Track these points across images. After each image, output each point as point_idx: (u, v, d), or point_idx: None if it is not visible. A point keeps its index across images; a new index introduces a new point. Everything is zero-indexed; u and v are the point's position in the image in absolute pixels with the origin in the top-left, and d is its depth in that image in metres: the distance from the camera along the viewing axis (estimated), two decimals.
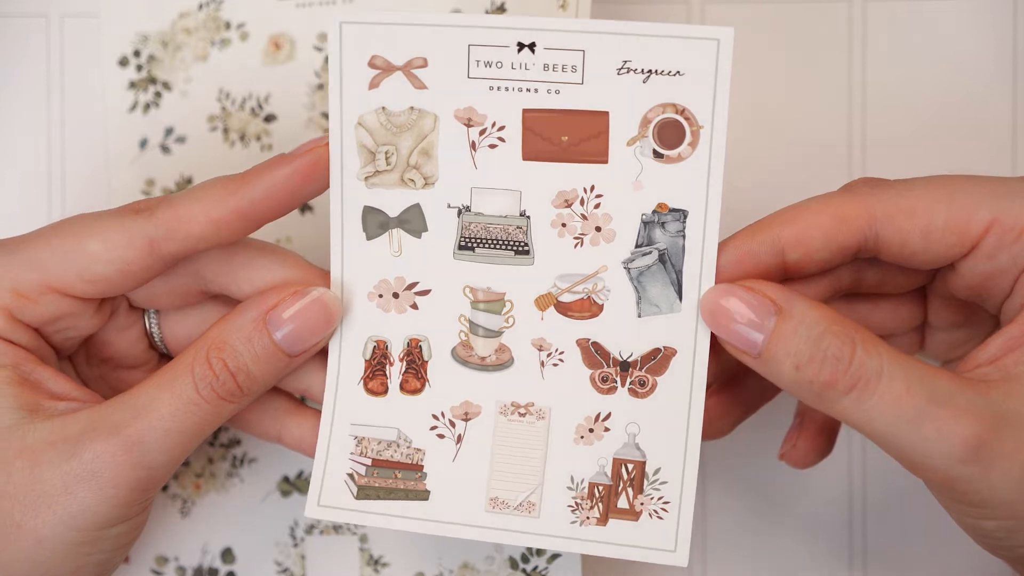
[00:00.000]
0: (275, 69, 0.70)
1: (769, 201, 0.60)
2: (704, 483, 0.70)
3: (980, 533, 0.55)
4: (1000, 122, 0.70)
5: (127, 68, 0.71)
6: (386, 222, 0.58)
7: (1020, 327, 0.55)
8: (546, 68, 0.55)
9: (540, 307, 0.58)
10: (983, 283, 0.56)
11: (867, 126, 0.70)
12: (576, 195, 0.57)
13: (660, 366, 0.57)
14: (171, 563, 0.69)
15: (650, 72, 0.55)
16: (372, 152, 0.57)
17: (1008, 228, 0.55)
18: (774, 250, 0.56)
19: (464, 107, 0.56)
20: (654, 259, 0.57)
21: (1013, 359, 0.54)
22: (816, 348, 0.54)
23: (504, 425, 0.58)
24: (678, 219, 0.56)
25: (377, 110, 0.57)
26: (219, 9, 0.71)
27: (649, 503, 0.57)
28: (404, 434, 0.59)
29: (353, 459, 0.59)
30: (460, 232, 0.58)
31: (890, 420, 0.53)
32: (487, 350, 0.58)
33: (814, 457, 0.63)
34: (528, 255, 0.58)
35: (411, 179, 0.58)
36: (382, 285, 0.59)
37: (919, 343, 0.64)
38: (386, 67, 0.57)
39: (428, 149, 0.57)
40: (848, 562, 0.70)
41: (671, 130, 0.55)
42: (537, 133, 0.56)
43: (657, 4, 0.72)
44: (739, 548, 0.70)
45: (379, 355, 0.59)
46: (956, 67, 0.70)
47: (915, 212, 0.56)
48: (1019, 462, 0.52)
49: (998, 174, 0.60)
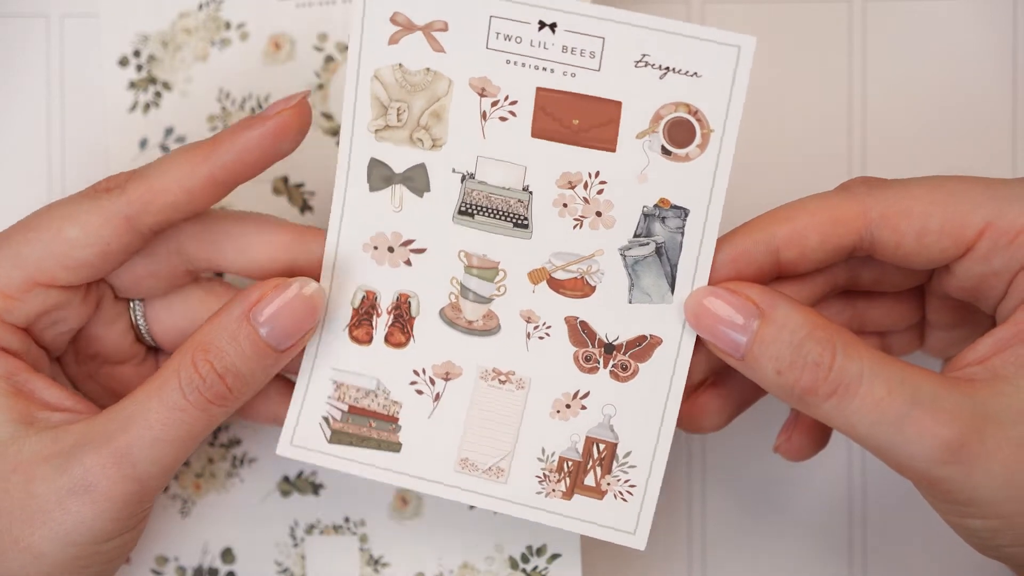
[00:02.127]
0: (275, 69, 0.69)
1: (768, 200, 0.60)
2: (704, 483, 0.71)
3: (967, 532, 0.56)
4: (1000, 122, 0.69)
5: (127, 68, 0.70)
6: (390, 176, 0.58)
7: (1011, 329, 0.55)
8: (564, 50, 0.55)
9: (533, 281, 0.58)
10: (978, 285, 0.57)
11: (867, 126, 0.70)
12: (580, 178, 0.56)
13: (644, 353, 0.58)
14: (171, 563, 0.70)
15: (668, 69, 0.54)
16: (385, 106, 0.57)
17: (1003, 231, 0.55)
18: (769, 249, 0.56)
19: (479, 76, 0.56)
20: (651, 250, 0.57)
21: (1001, 360, 0.55)
22: (796, 353, 0.54)
23: (483, 390, 0.59)
24: (679, 216, 0.56)
25: (394, 66, 0.57)
26: (219, 9, 0.70)
27: (616, 484, 0.58)
28: (383, 385, 0.60)
29: (330, 403, 0.60)
30: (462, 197, 0.58)
31: (872, 423, 0.54)
32: (475, 315, 0.59)
33: (809, 451, 0.64)
34: (527, 229, 0.58)
35: (420, 139, 0.57)
36: (379, 238, 0.59)
37: (919, 340, 0.64)
38: (407, 25, 0.56)
39: (439, 112, 0.57)
40: (848, 562, 0.71)
41: (682, 129, 0.55)
42: (549, 113, 0.56)
43: (657, 3, 0.70)
44: (739, 548, 0.71)
45: (367, 305, 0.59)
46: (956, 67, 0.69)
47: (911, 214, 0.56)
48: (1001, 462, 0.53)
49: (998, 174, 0.59)
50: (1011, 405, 0.53)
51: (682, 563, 0.71)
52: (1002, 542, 0.55)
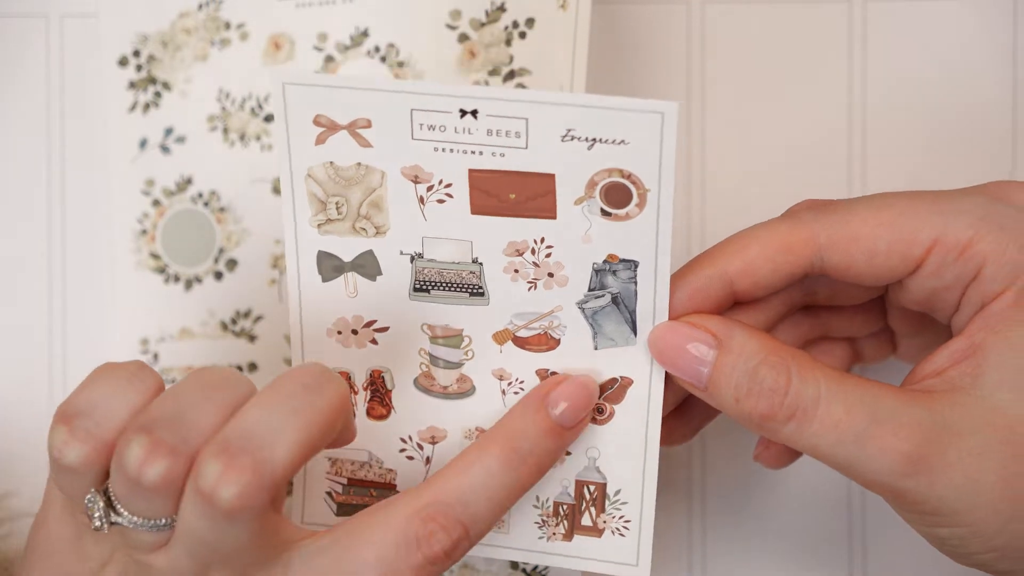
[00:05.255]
0: (275, 69, 0.69)
1: (768, 200, 0.60)
2: (704, 483, 0.72)
3: (938, 541, 0.57)
4: (1000, 123, 0.69)
5: (127, 68, 0.70)
6: (340, 266, 0.59)
7: (965, 341, 0.56)
8: (489, 133, 0.55)
9: (498, 341, 0.59)
10: (930, 298, 0.57)
11: (867, 126, 0.69)
12: (527, 245, 0.57)
13: (617, 395, 0.59)
14: None
15: (594, 140, 0.54)
16: (323, 202, 0.57)
17: (950, 247, 0.55)
18: (722, 283, 0.57)
19: (411, 165, 0.56)
20: (607, 301, 0.57)
21: (958, 371, 0.56)
22: (752, 381, 0.55)
23: None
24: (629, 268, 0.57)
25: (325, 164, 0.57)
26: (219, 9, 0.69)
27: (611, 521, 0.60)
28: (375, 456, 0.61)
29: (330, 478, 0.62)
30: (414, 276, 0.58)
31: (832, 443, 0.55)
32: (448, 380, 0.60)
33: (787, 458, 0.65)
34: (483, 296, 0.58)
35: (363, 228, 0.58)
36: (340, 323, 0.60)
37: (890, 346, 0.65)
38: (331, 125, 0.56)
39: (377, 202, 0.57)
40: (848, 561, 0.72)
41: (618, 192, 0.55)
42: (484, 191, 0.56)
43: (657, 4, 0.69)
44: (739, 549, 0.72)
45: None
46: (956, 67, 0.68)
47: (859, 237, 0.56)
48: (962, 472, 0.54)
49: (998, 175, 0.59)
50: (968, 415, 0.54)
51: (682, 563, 0.73)
52: (972, 549, 0.56)
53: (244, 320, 0.71)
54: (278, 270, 0.71)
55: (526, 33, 0.67)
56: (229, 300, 0.71)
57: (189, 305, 0.72)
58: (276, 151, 0.57)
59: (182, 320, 0.71)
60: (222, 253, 0.71)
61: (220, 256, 0.71)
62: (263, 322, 0.71)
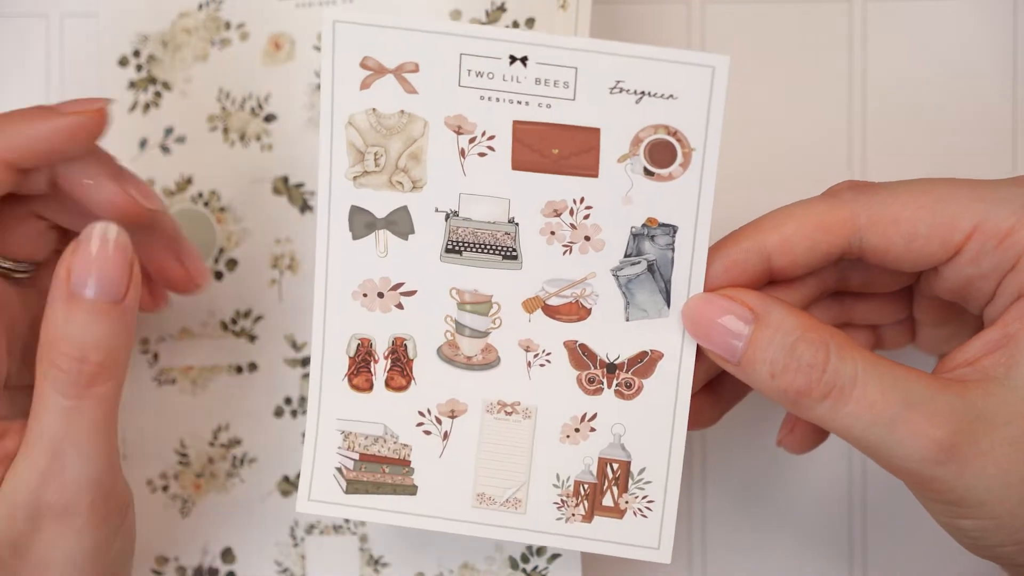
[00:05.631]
0: (275, 69, 0.69)
1: (768, 201, 0.60)
2: (704, 483, 0.71)
3: (959, 532, 0.56)
4: (1000, 122, 0.70)
5: (127, 68, 0.70)
6: (373, 223, 0.58)
7: (999, 331, 0.56)
8: (538, 82, 0.55)
9: (527, 310, 0.58)
10: (965, 286, 0.57)
11: (867, 126, 0.70)
12: (565, 206, 0.56)
13: (647, 369, 0.58)
14: (171, 563, 0.70)
15: (643, 93, 0.54)
16: (361, 152, 0.57)
17: (990, 234, 0.55)
18: (760, 257, 0.57)
19: (454, 114, 0.56)
20: (643, 269, 0.57)
21: (992, 361, 0.55)
22: (790, 356, 0.55)
23: (491, 423, 0.59)
24: (668, 233, 0.56)
25: (367, 111, 0.56)
26: (219, 9, 0.70)
27: (634, 502, 0.59)
28: (391, 430, 0.60)
29: (341, 453, 0.60)
30: (448, 236, 0.57)
31: (866, 425, 0.54)
32: (473, 350, 0.59)
33: (811, 443, 0.64)
34: (516, 260, 0.57)
35: (399, 182, 0.57)
36: (367, 284, 0.58)
37: (910, 333, 0.65)
38: (378, 69, 0.56)
39: (417, 153, 0.57)
40: (848, 563, 0.71)
41: (662, 150, 0.55)
42: (527, 145, 0.56)
43: (657, 3, 0.70)
44: (739, 548, 0.71)
45: (363, 352, 0.59)
46: (956, 67, 0.70)
47: (899, 220, 0.56)
48: (993, 462, 0.54)
49: (998, 174, 0.60)
50: (1002, 406, 0.54)
51: (682, 563, 0.71)
52: (993, 542, 0.55)
53: (244, 320, 0.70)
54: (278, 270, 0.70)
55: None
56: (229, 300, 0.70)
57: (189, 305, 0.70)
58: (321, 93, 0.56)
59: (182, 320, 0.70)
60: (222, 253, 0.70)
61: (220, 256, 0.70)
62: (263, 322, 0.70)
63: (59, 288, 0.55)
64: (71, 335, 0.55)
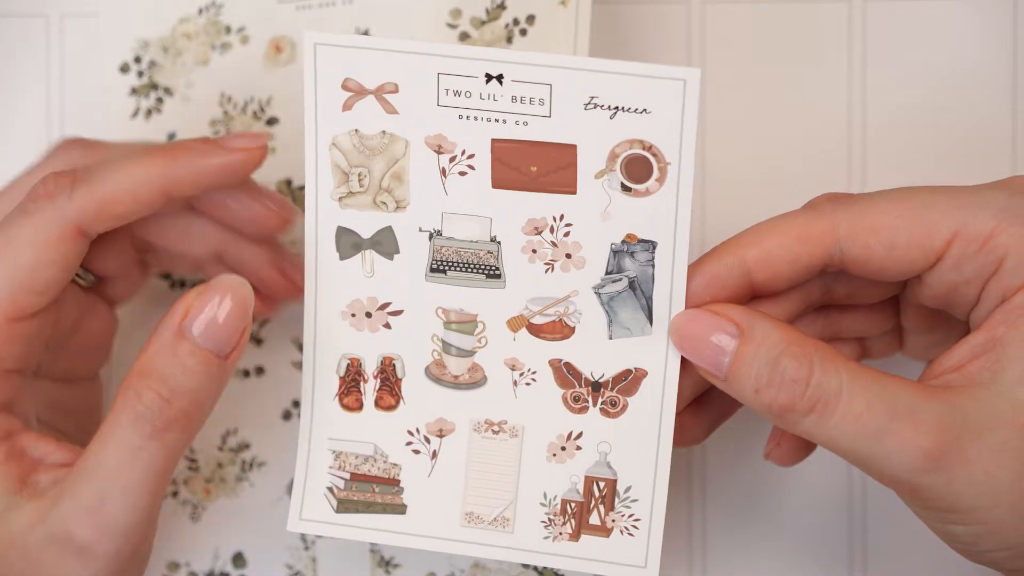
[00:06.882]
0: (276, 72, 0.70)
1: (768, 200, 0.60)
2: (704, 484, 0.71)
3: (951, 538, 0.56)
4: (1000, 122, 0.69)
5: (128, 74, 0.71)
6: (359, 243, 0.58)
7: (985, 335, 0.55)
8: (514, 100, 0.55)
9: (512, 328, 0.58)
10: (949, 293, 0.57)
11: (867, 126, 0.70)
12: (546, 223, 0.57)
13: (631, 387, 0.58)
14: (182, 569, 0.70)
15: (617, 109, 0.54)
16: (346, 173, 0.58)
17: (970, 240, 0.55)
18: (740, 272, 0.57)
19: (434, 134, 0.56)
20: (624, 286, 0.57)
21: (977, 366, 0.55)
22: (774, 371, 0.54)
23: (478, 442, 0.59)
24: (647, 249, 0.56)
25: (350, 132, 0.57)
26: (219, 13, 0.71)
27: (620, 520, 0.59)
28: (380, 449, 0.60)
29: (332, 473, 0.60)
30: (432, 255, 0.58)
31: (853, 438, 0.54)
32: (460, 369, 0.59)
33: (798, 455, 0.64)
34: (500, 279, 0.58)
35: (383, 202, 0.58)
36: (355, 304, 0.59)
37: (898, 343, 0.64)
38: (359, 90, 0.56)
39: (400, 173, 0.57)
40: (848, 562, 0.71)
41: (638, 165, 0.55)
42: (506, 163, 0.56)
43: (657, 4, 0.71)
44: (739, 548, 0.71)
45: (353, 372, 0.60)
46: (956, 68, 0.69)
47: (879, 229, 0.56)
48: (981, 469, 0.53)
49: (998, 175, 0.59)
50: (988, 411, 0.53)
51: (683, 565, 0.71)
52: (985, 547, 0.55)
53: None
54: None
55: (527, 30, 0.67)
56: None
57: None
58: (304, 117, 0.57)
59: None
60: None
61: None
62: (268, 325, 0.71)
63: (171, 323, 0.55)
64: (166, 372, 0.55)
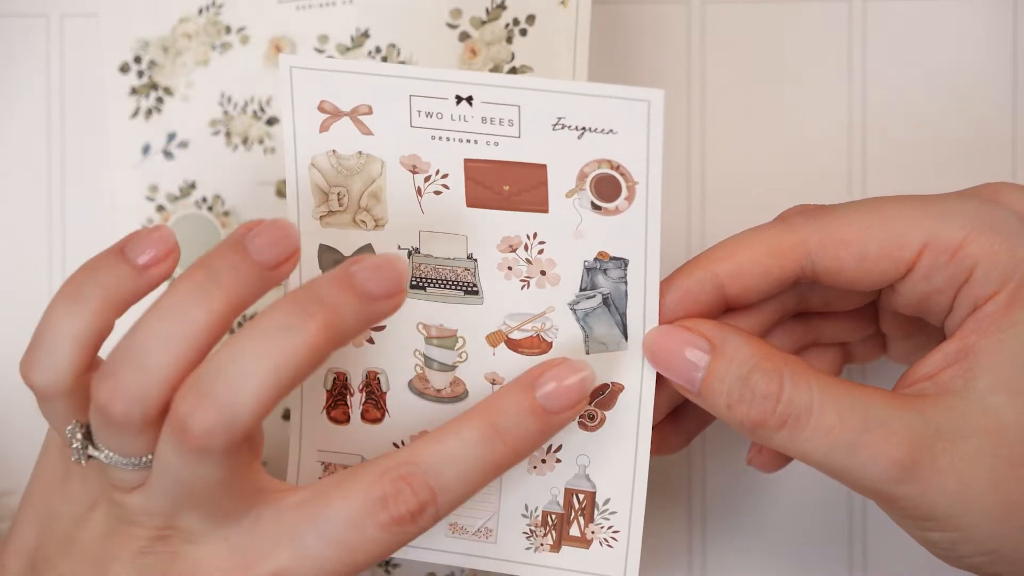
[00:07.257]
0: (276, 72, 0.70)
1: (768, 201, 0.60)
2: (704, 487, 0.71)
3: (929, 544, 0.56)
4: (1000, 123, 0.69)
5: (128, 74, 0.72)
6: (340, 259, 0.59)
7: (957, 344, 0.55)
8: (484, 121, 0.56)
9: (491, 343, 0.59)
10: (923, 302, 0.57)
11: (867, 127, 0.69)
12: (520, 241, 0.57)
13: (608, 401, 0.59)
14: None
15: (584, 129, 0.55)
16: (325, 193, 0.59)
17: (940, 250, 0.55)
18: (713, 286, 0.57)
19: (409, 154, 0.57)
20: (598, 302, 0.57)
21: (950, 374, 0.55)
22: (744, 387, 0.55)
23: None
24: (619, 267, 0.57)
25: (328, 152, 0.58)
26: (219, 13, 0.71)
27: (599, 531, 0.59)
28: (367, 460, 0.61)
29: None
30: (411, 272, 0.59)
31: (826, 451, 0.54)
32: (442, 383, 0.60)
33: (780, 462, 0.64)
34: (477, 295, 0.59)
35: (363, 220, 0.59)
36: None
37: (882, 347, 0.64)
38: (334, 112, 0.57)
39: (377, 193, 0.58)
40: (848, 564, 0.71)
41: (607, 184, 0.56)
42: (479, 182, 0.57)
43: (657, 4, 0.71)
44: (738, 553, 0.71)
45: (339, 386, 0.61)
46: (956, 68, 0.69)
47: (848, 240, 0.56)
48: (954, 478, 0.53)
49: (998, 176, 0.59)
50: (960, 419, 0.54)
51: (682, 567, 0.71)
52: (964, 553, 0.55)
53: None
54: None
55: (527, 30, 0.68)
56: None
57: None
58: (283, 138, 0.58)
59: None
60: None
61: None
62: None
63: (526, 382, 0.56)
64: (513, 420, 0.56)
